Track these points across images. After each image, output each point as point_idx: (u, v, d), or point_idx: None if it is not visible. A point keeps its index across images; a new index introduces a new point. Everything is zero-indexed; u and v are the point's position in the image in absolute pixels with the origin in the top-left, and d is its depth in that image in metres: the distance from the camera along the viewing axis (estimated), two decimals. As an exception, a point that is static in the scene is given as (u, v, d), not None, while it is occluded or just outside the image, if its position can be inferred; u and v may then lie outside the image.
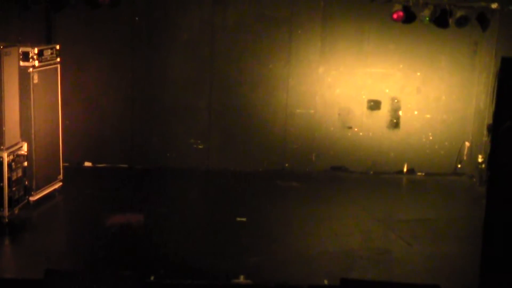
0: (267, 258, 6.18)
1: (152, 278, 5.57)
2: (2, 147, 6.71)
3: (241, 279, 5.65)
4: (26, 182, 7.10)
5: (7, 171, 6.69)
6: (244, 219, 7.13)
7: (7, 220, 6.73)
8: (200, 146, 8.99)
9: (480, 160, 8.63)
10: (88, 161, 8.92)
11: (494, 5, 8.28)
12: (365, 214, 7.50)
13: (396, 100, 9.02)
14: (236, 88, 8.95)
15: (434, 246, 6.65)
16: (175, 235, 6.72)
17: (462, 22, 8.30)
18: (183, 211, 7.44)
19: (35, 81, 7.20)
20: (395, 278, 5.69)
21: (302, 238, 6.78)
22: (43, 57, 7.30)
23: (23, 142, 7.07)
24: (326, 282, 5.64)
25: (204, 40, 8.81)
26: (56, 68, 7.61)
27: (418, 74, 8.97)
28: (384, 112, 9.03)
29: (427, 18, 8.33)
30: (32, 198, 7.27)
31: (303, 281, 5.60)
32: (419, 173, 9.12)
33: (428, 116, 9.05)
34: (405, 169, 9.12)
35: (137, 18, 8.74)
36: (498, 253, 5.61)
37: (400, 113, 9.03)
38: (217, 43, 8.83)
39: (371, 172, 9.10)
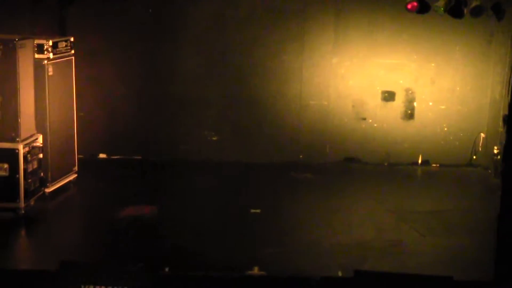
0: (281, 250, 6.19)
1: (166, 269, 5.60)
2: (17, 139, 6.75)
3: (255, 270, 5.66)
4: (42, 174, 7.16)
5: (23, 163, 6.75)
6: (258, 211, 7.14)
7: (23, 212, 6.80)
8: (213, 138, 9.00)
9: (495, 151, 8.56)
10: (103, 152, 8.96)
11: (509, -5, 8.20)
12: (379, 206, 7.48)
13: (410, 91, 8.97)
14: (249, 80, 8.93)
15: (448, 238, 6.62)
16: (189, 226, 6.74)
17: (477, 12, 8.23)
18: (196, 203, 7.46)
19: (50, 73, 7.24)
20: (409, 270, 5.66)
21: (315, 229, 6.77)
22: (57, 49, 7.33)
23: (38, 134, 7.12)
24: (340, 273, 5.64)
25: (216, 32, 8.80)
26: (71, 60, 7.64)
27: (432, 65, 8.90)
28: (399, 103, 8.98)
29: (442, 8, 8.27)
30: (47, 190, 7.33)
31: (317, 273, 5.59)
32: (433, 165, 9.08)
33: (442, 107, 8.99)
34: (419, 161, 9.08)
35: (150, 10, 8.75)
36: (512, 245, 5.58)
37: (415, 104, 8.99)
38: (229, 35, 8.81)
39: (385, 164, 9.06)
